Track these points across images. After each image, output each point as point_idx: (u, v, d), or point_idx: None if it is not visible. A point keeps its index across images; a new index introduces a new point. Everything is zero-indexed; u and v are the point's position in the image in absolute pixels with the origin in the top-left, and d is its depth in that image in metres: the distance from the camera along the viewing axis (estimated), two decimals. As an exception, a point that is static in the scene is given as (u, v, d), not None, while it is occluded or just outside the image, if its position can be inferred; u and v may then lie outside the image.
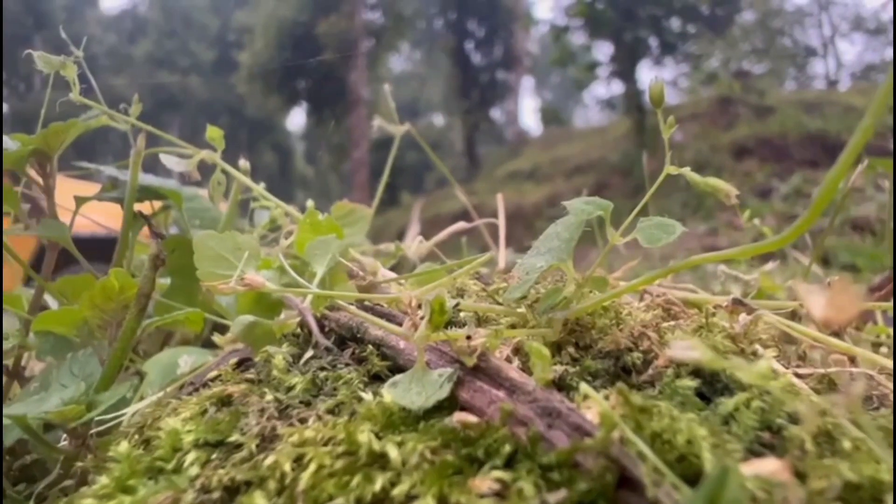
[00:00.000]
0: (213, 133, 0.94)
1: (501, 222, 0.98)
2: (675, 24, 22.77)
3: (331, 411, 0.51)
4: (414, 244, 0.96)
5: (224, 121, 27.66)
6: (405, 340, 0.54)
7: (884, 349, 0.99)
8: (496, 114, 29.68)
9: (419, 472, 0.42)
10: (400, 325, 0.55)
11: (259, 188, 1.07)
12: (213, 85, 29.33)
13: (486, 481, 0.40)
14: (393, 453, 0.43)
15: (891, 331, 1.19)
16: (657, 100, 0.54)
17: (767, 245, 0.48)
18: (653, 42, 22.29)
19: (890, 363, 0.65)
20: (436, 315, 0.47)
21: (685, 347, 0.36)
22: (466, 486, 0.40)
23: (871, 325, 1.18)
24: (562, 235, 0.59)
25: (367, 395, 0.50)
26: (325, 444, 0.46)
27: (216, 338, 0.93)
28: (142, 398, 0.77)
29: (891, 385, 0.67)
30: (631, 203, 0.63)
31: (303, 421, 0.50)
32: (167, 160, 0.88)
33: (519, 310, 0.58)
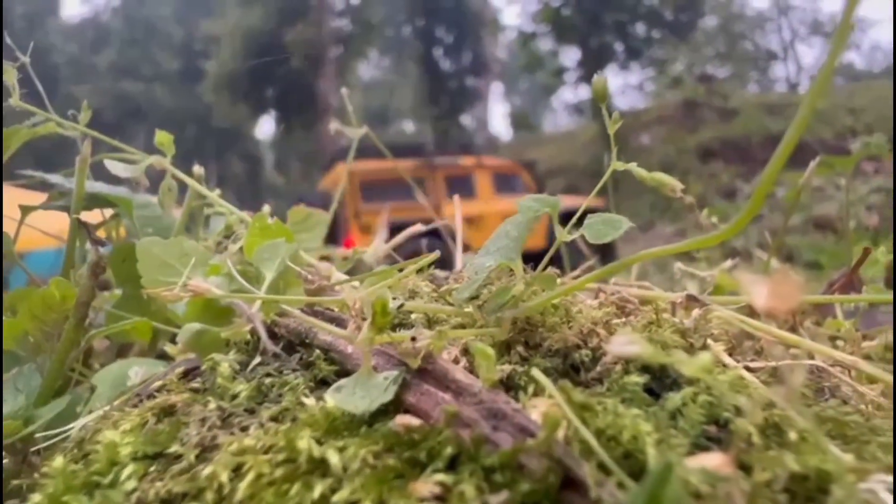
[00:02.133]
0: (163, 138, 0.91)
1: (458, 224, 0.97)
2: (640, 29, 23.17)
3: (274, 418, 0.50)
4: (371, 248, 0.95)
5: (191, 130, 27.30)
6: (353, 344, 0.53)
7: (840, 343, 1.01)
8: (466, 120, 29.79)
9: (360, 478, 0.41)
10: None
11: (213, 195, 1.04)
12: (179, 94, 28.94)
13: (427, 485, 0.39)
14: (333, 459, 0.42)
15: (847, 324, 1.21)
16: (600, 95, 0.54)
17: (709, 239, 0.48)
18: (618, 47, 22.63)
19: (838, 354, 0.66)
20: (378, 316, 0.46)
21: (625, 342, 0.35)
22: (407, 489, 0.39)
23: (831, 319, 1.20)
24: (511, 234, 0.58)
25: (310, 401, 0.49)
26: (266, 452, 0.45)
27: (168, 348, 0.91)
28: (91, 412, 0.74)
29: (843, 377, 0.68)
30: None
31: (244, 429, 0.49)
32: (113, 166, 0.85)
33: (468, 310, 0.57)
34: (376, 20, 24.31)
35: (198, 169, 1.09)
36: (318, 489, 0.40)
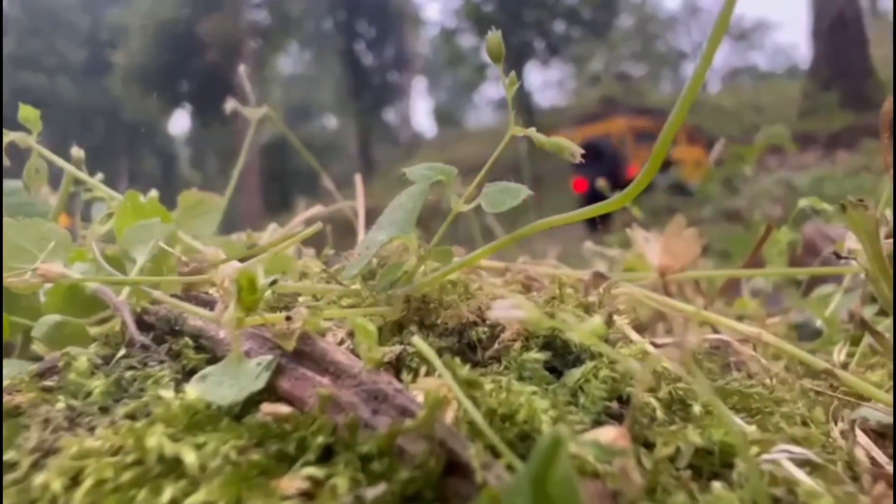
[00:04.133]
0: (27, 113, 0.82)
1: (360, 205, 0.92)
2: (559, 27, 23.68)
3: (130, 416, 0.43)
4: (267, 232, 0.88)
5: (99, 125, 25.92)
6: (222, 327, 0.47)
7: (746, 322, 1.03)
8: (389, 115, 29.63)
9: (220, 478, 0.35)
10: (222, 312, 0.48)
11: (93, 179, 0.95)
12: (84, 87, 27.33)
13: (294, 481, 0.34)
14: (189, 458, 0.36)
15: (754, 303, 1.24)
16: (495, 54, 0.51)
17: (609, 204, 0.45)
18: (539, 44, 23.07)
19: (742, 327, 0.65)
20: (245, 293, 0.40)
21: (508, 306, 0.31)
22: (270, 487, 0.34)
23: (739, 299, 1.23)
24: (405, 206, 0.54)
25: (169, 394, 0.43)
26: (114, 454, 0.39)
27: (36, 345, 0.81)
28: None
29: (749, 351, 0.67)
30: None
31: (93, 429, 0.42)
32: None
33: (356, 287, 0.52)
34: (295, 13, 23.77)
35: (76, 150, 0.99)
36: (168, 493, 0.35)
